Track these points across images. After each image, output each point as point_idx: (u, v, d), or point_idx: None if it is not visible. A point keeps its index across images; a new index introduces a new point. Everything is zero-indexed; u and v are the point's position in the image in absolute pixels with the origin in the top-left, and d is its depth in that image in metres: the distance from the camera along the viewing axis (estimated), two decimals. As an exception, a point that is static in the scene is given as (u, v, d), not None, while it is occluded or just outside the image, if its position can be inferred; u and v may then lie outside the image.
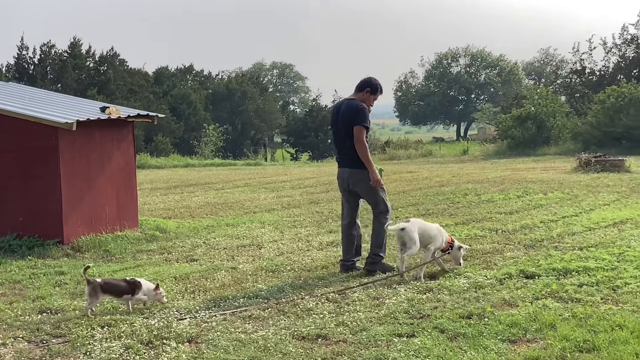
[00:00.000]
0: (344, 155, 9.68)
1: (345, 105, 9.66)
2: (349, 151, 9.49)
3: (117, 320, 7.42)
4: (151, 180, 25.76)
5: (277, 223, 14.19)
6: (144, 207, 16.56)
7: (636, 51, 48.36)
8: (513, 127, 40.66)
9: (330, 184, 21.94)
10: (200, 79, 71.42)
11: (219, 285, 9.01)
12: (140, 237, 12.79)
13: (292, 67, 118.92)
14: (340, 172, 9.79)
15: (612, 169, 22.34)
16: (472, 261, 9.86)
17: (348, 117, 9.49)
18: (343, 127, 9.51)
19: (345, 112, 9.56)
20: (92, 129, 12.55)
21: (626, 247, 10.18)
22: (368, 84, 9.72)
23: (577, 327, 6.65)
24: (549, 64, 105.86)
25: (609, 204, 15.01)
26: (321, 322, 7.19)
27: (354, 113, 9.45)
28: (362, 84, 9.77)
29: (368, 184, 9.51)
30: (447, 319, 7.08)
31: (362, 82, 9.81)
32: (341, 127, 9.55)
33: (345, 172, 9.68)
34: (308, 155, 57.35)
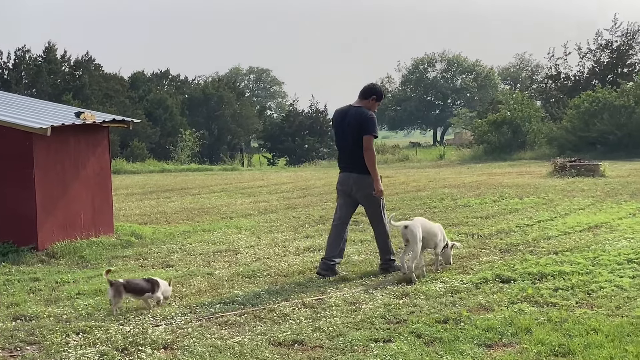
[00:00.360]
0: (350, 161, 9.76)
1: (354, 112, 9.71)
2: (357, 158, 9.59)
3: (92, 327, 7.37)
4: (127, 185, 25.64)
5: (253, 228, 14.15)
6: (119, 213, 16.47)
7: (610, 56, 48.77)
8: (489, 132, 40.87)
9: (307, 189, 21.96)
10: (177, 84, 71.12)
11: (195, 291, 8.96)
12: (116, 243, 12.70)
13: (269, 72, 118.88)
14: (345, 176, 9.84)
15: (587, 173, 22.51)
16: (448, 266, 9.89)
17: (359, 125, 9.58)
18: (351, 134, 9.62)
19: (354, 120, 9.63)
20: (67, 134, 12.46)
21: (601, 251, 10.26)
22: (374, 91, 9.90)
23: (552, 331, 6.68)
24: (524, 69, 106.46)
25: (584, 209, 15.11)
26: (297, 328, 7.17)
27: (365, 122, 9.57)
28: (367, 91, 9.88)
29: (369, 191, 9.61)
30: (423, 324, 7.09)
31: (368, 89, 9.92)
32: (349, 134, 9.65)
33: (351, 178, 9.74)
34: (285, 160, 57.30)
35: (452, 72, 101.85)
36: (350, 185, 9.75)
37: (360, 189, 9.68)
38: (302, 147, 58.55)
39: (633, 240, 11.15)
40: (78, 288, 9.20)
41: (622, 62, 48.78)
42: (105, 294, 8.53)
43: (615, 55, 48.55)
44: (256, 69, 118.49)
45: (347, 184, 9.79)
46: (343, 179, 9.88)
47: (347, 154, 9.80)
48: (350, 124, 9.63)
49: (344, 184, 9.86)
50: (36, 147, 11.78)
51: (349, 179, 9.77)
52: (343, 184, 9.87)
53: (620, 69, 48.51)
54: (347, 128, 9.66)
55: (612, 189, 18.62)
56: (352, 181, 9.72)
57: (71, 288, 9.27)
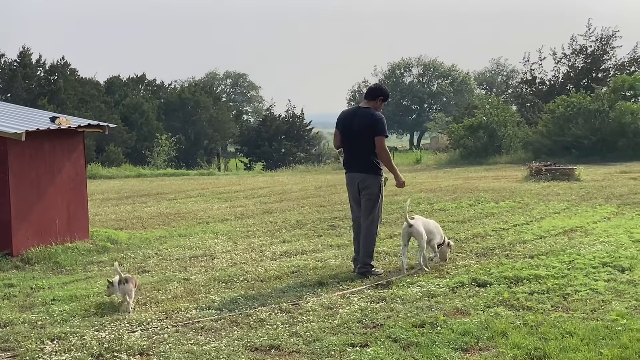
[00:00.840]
0: (357, 161, 9.96)
1: (363, 114, 9.93)
2: (364, 158, 9.85)
3: (67, 333, 7.32)
4: (102, 190, 25.49)
5: (230, 233, 14.12)
6: (95, 218, 16.37)
7: (585, 61, 49.09)
8: (465, 137, 41.02)
9: (284, 194, 21.93)
10: (153, 89, 70.86)
11: (171, 296, 8.93)
12: (91, 248, 12.62)
13: (246, 77, 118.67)
14: (351, 176, 10.05)
15: (562, 177, 22.65)
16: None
17: (370, 126, 9.77)
18: (361, 135, 9.80)
19: (364, 121, 9.82)
20: (41, 139, 12.38)
21: (576, 255, 10.32)
22: (381, 92, 10.16)
23: (528, 335, 6.71)
24: (500, 73, 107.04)
25: (559, 212, 15.20)
26: (274, 333, 7.16)
27: (376, 123, 9.79)
28: (374, 92, 10.16)
29: (374, 190, 9.87)
30: (400, 328, 7.10)
31: (375, 90, 10.22)
32: (358, 135, 9.83)
33: (356, 177, 9.96)
34: (262, 164, 57.21)
35: (428, 76, 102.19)
36: (357, 185, 9.96)
37: (364, 187, 9.89)
38: (279, 152, 58.52)
39: (608, 243, 11.24)
40: (53, 294, 9.14)
41: (597, 67, 49.10)
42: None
43: (589, 60, 48.87)
44: (233, 73, 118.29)
45: (353, 183, 10.02)
46: (349, 179, 10.12)
47: (353, 155, 10.00)
48: (360, 126, 9.82)
49: (350, 184, 10.11)
50: (11, 152, 11.69)
51: (354, 179, 10.00)
52: (350, 185, 10.13)
53: (595, 74, 48.82)
54: (356, 129, 9.84)
55: (587, 192, 18.75)
56: (358, 180, 9.94)
57: (46, 294, 9.21)
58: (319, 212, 16.88)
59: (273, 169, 48.41)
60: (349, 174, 10.09)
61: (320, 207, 17.68)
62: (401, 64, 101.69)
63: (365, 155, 9.82)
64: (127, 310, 8.12)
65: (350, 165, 10.09)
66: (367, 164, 9.83)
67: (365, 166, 9.85)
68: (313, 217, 16.04)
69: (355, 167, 9.97)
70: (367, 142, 9.76)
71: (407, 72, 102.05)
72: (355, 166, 9.97)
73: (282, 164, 51.11)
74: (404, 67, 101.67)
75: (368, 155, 9.80)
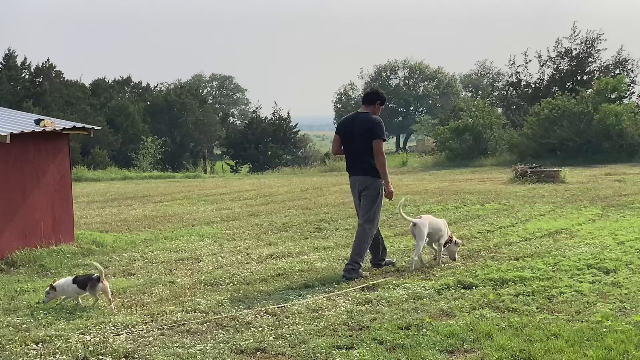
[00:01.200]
0: (358, 164, 10.18)
1: (362, 118, 10.16)
2: (364, 161, 10.07)
3: (52, 336, 7.29)
4: (88, 193, 25.39)
5: (216, 236, 14.10)
6: (80, 221, 16.32)
7: (570, 64, 49.29)
8: (451, 139, 41.14)
9: (270, 196, 21.92)
10: (138, 91, 70.71)
11: (156, 299, 8.90)
12: (77, 251, 12.58)
13: (232, 79, 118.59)
14: (353, 179, 10.33)
15: (548, 179, 22.73)
16: (411, 272, 9.93)
17: (368, 130, 10.01)
18: (360, 139, 10.05)
19: (363, 126, 10.07)
20: (26, 142, 12.33)
21: (561, 257, 10.37)
22: (378, 97, 10.36)
23: (513, 337, 6.73)
24: (485, 76, 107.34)
25: (544, 214, 15.26)
26: (260, 336, 7.15)
27: (374, 127, 10.02)
28: (372, 97, 10.39)
29: (372, 192, 10.09)
30: (385, 330, 7.11)
31: (373, 94, 10.45)
32: (358, 139, 10.08)
33: (357, 180, 10.22)
34: (248, 167, 57.18)
35: (414, 79, 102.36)
36: (357, 187, 10.22)
37: (364, 189, 10.11)
38: (265, 154, 58.53)
39: (592, 245, 11.29)
40: (38, 297, 9.09)
41: (582, 69, 49.33)
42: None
43: (574, 62, 49.09)
44: (219, 75, 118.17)
45: (355, 186, 10.28)
46: (352, 182, 10.39)
47: (354, 158, 10.22)
48: (359, 130, 10.06)
49: (353, 187, 10.38)
50: (-5, 154, 11.64)
51: (355, 182, 10.26)
52: (352, 188, 10.39)
53: (580, 77, 49.06)
54: (355, 134, 10.08)
55: (572, 195, 18.83)
56: (359, 183, 10.17)
57: (31, 297, 9.17)
58: (305, 214, 16.88)
59: (259, 171, 48.38)
60: (351, 177, 10.36)
61: (307, 210, 17.69)
62: (387, 67, 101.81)
63: (365, 159, 10.03)
64: (110, 307, 8.24)
65: (351, 168, 10.33)
66: (367, 167, 10.05)
67: (365, 169, 10.07)
68: (299, 219, 16.04)
69: (356, 171, 10.20)
70: (366, 146, 9.98)
71: (393, 75, 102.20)
72: (356, 169, 10.20)
73: (269, 167, 51.14)
74: (390, 69, 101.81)
75: (367, 158, 10.01)
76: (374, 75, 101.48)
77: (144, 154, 50.74)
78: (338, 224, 14.97)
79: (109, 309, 8.30)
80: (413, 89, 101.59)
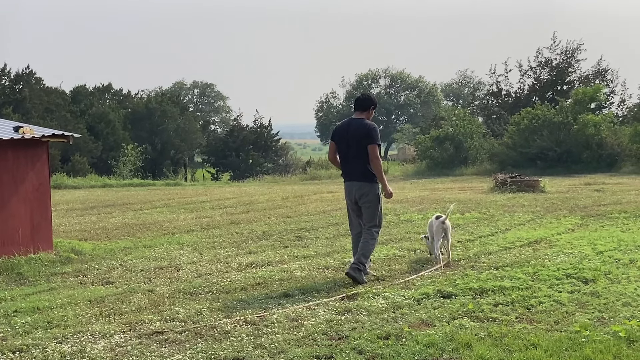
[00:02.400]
0: (353, 170, 10.22)
1: (357, 124, 10.20)
2: (361, 167, 10.13)
3: (29, 345, 7.23)
4: (67, 200, 25.25)
5: (195, 244, 14.05)
6: (59, 229, 16.22)
7: (550, 74, 49.55)
8: (432, 148, 41.20)
9: (251, 204, 21.88)
10: (119, 98, 70.34)
11: (135, 308, 8.85)
12: (55, 259, 12.50)
13: (213, 87, 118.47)
14: (349, 185, 10.33)
15: (528, 189, 22.80)
16: (391, 281, 9.93)
17: (364, 136, 10.06)
18: (355, 145, 10.11)
19: (358, 131, 10.12)
20: (5, 149, 12.26)
21: (540, 267, 10.40)
22: (372, 102, 10.51)
23: (492, 347, 6.74)
24: (466, 85, 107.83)
25: (524, 224, 15.31)
26: (239, 345, 7.12)
27: (370, 132, 10.10)
28: (365, 102, 10.47)
29: (371, 198, 10.17)
30: (365, 340, 7.09)
31: (365, 100, 10.51)
32: (353, 145, 10.13)
33: (354, 186, 10.25)
34: (229, 175, 57.05)
35: (395, 88, 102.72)
36: (354, 193, 10.24)
37: (362, 195, 10.16)
38: (246, 162, 58.42)
39: (572, 255, 11.33)
40: (15, 305, 9.03)
41: (562, 79, 49.60)
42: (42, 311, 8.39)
43: (555, 72, 49.35)
44: (200, 83, 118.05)
45: (351, 192, 10.29)
46: (347, 188, 10.38)
47: (350, 164, 10.24)
48: (355, 136, 10.10)
49: (348, 193, 10.36)
50: (-27, 161, 11.57)
51: (352, 187, 10.27)
52: (348, 194, 10.38)
53: (560, 87, 49.33)
54: (352, 139, 10.12)
55: (551, 204, 18.91)
56: (355, 189, 10.21)
57: (8, 305, 9.10)
58: (286, 222, 16.86)
59: (240, 179, 48.28)
60: (347, 183, 10.37)
61: (287, 218, 17.66)
62: (369, 75, 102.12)
63: (361, 164, 10.09)
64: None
65: (347, 174, 10.35)
66: (363, 172, 10.11)
67: (362, 175, 10.12)
68: (279, 227, 16.02)
69: (352, 176, 10.23)
70: (362, 151, 10.05)
71: (374, 84, 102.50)
72: (352, 175, 10.23)
73: (250, 175, 51.03)
74: (372, 78, 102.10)
75: (364, 164, 10.07)
76: (355, 83, 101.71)
77: (125, 162, 50.47)
78: (318, 233, 14.96)
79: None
80: (394, 97, 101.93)
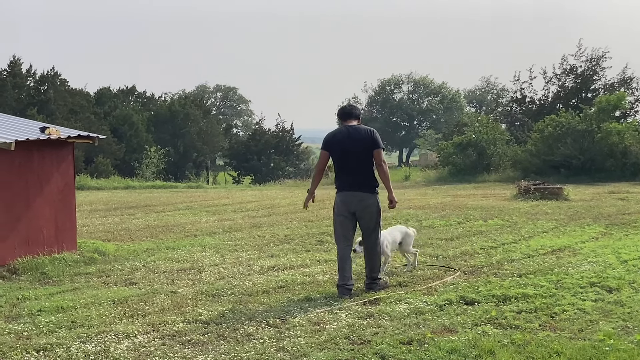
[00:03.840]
0: (356, 180, 9.69)
1: (359, 130, 9.74)
2: (364, 176, 9.66)
3: (53, 345, 7.28)
4: (91, 201, 25.42)
5: (218, 247, 14.09)
6: (82, 229, 16.32)
7: (575, 81, 49.31)
8: (454, 154, 41.07)
9: (272, 208, 21.92)
10: (143, 100, 70.83)
11: (158, 309, 8.89)
12: (79, 259, 12.58)
13: (236, 90, 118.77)
14: (349, 195, 9.72)
15: (551, 196, 22.68)
16: (413, 287, 9.91)
17: (370, 141, 9.67)
18: (360, 152, 9.63)
19: (363, 138, 9.66)
20: (31, 150, 12.35)
21: (564, 274, 10.34)
22: (359, 111, 10.28)
23: (515, 354, 6.71)
24: (490, 92, 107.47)
25: (547, 232, 15.24)
26: (261, 348, 7.14)
27: (375, 137, 9.74)
28: (357, 110, 10.20)
29: (374, 209, 9.70)
30: (387, 345, 7.08)
31: (356, 108, 10.23)
32: (356, 152, 9.63)
33: (356, 196, 9.68)
34: (250, 178, 57.20)
35: (418, 93, 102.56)
36: (355, 204, 9.68)
37: (365, 207, 9.65)
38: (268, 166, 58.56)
39: (595, 263, 11.26)
40: (40, 305, 9.10)
41: (586, 87, 49.36)
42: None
43: (579, 80, 49.12)
44: (223, 87, 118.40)
45: (352, 203, 9.70)
46: (347, 199, 9.74)
47: (352, 174, 9.71)
48: (360, 143, 9.64)
49: (348, 204, 9.72)
50: (-1, 161, 11.66)
51: (353, 198, 9.69)
52: (348, 204, 9.72)
53: (584, 94, 49.09)
54: (355, 147, 9.63)
55: (575, 212, 18.80)
56: (358, 200, 9.67)
57: (32, 305, 9.16)
58: (307, 227, 16.87)
59: (262, 183, 48.38)
60: (347, 193, 9.74)
61: (309, 222, 17.68)
62: (391, 81, 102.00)
63: (366, 173, 9.66)
64: None
65: (348, 184, 9.74)
66: (367, 182, 9.66)
67: (366, 185, 9.66)
68: (301, 231, 16.03)
69: (354, 187, 9.67)
70: (368, 159, 9.65)
71: (397, 89, 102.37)
72: (354, 185, 9.67)
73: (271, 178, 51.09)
74: (394, 83, 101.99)
75: (368, 172, 9.67)
76: (377, 89, 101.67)
77: (147, 164, 50.76)
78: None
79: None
80: (417, 103, 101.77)
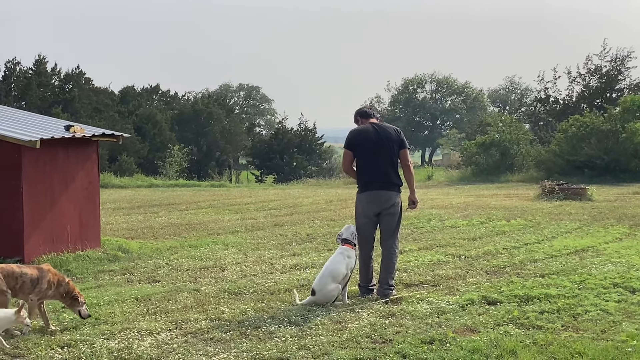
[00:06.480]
0: (383, 178, 9.50)
1: (385, 129, 9.63)
2: (390, 175, 9.51)
3: (77, 341, 7.35)
4: (114, 199, 25.56)
5: (240, 245, 14.14)
6: (106, 227, 16.42)
7: (599, 81, 48.97)
8: (477, 154, 40.91)
9: (295, 207, 21.94)
10: (166, 99, 71.06)
11: (181, 307, 8.95)
12: (102, 257, 12.67)
13: (259, 89, 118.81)
14: (376, 195, 9.50)
15: (575, 197, 22.55)
16: (435, 286, 9.91)
17: (398, 140, 9.58)
18: (388, 151, 9.48)
19: (391, 136, 9.54)
20: (56, 148, 12.45)
21: (587, 275, 10.29)
22: (376, 112, 9.95)
23: (537, 354, 6.70)
24: (513, 91, 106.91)
25: (570, 232, 15.17)
26: (283, 346, 7.16)
27: (402, 136, 9.68)
28: (371, 112, 10.00)
29: (398, 209, 9.57)
30: (409, 344, 7.09)
31: (371, 111, 10.05)
32: (384, 151, 9.47)
33: (383, 195, 9.48)
34: (273, 177, 57.20)
35: (441, 93, 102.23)
36: (383, 204, 9.49)
37: (392, 206, 9.49)
38: (291, 165, 58.50)
39: (619, 264, 11.20)
40: (63, 302, 9.16)
41: (611, 87, 49.00)
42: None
43: (604, 80, 48.78)
44: (246, 86, 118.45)
45: (379, 202, 9.50)
46: (373, 199, 9.52)
47: (379, 172, 9.50)
48: (388, 142, 9.50)
49: (375, 203, 9.50)
50: (25, 159, 11.77)
51: (380, 197, 9.48)
52: (375, 204, 9.51)
53: (609, 94, 48.73)
54: (384, 145, 9.48)
55: (599, 213, 18.69)
56: (385, 199, 9.49)
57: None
58: (330, 226, 16.88)
59: (284, 182, 48.37)
60: (374, 192, 9.50)
61: (331, 221, 17.69)
62: (415, 80, 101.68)
63: (393, 172, 9.51)
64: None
65: (375, 183, 9.51)
66: (393, 181, 9.50)
67: (391, 184, 9.49)
68: (323, 231, 16.05)
69: (381, 185, 9.49)
70: (395, 158, 9.52)
71: (420, 88, 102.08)
72: (381, 184, 9.49)
73: (294, 178, 51.07)
74: (418, 83, 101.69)
75: (395, 171, 9.53)
76: (401, 88, 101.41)
77: (171, 162, 50.91)
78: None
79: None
80: (440, 102, 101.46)
